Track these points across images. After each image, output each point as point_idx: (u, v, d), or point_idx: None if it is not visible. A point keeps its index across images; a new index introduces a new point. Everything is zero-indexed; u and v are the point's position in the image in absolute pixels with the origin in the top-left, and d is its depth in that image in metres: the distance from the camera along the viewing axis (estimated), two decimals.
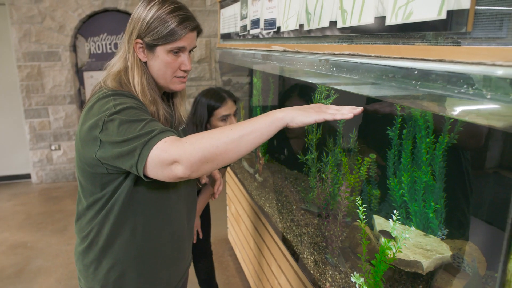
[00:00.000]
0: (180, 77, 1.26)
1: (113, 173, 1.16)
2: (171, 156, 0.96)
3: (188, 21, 1.19)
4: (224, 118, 2.00)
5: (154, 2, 1.18)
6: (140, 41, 1.20)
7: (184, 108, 1.40)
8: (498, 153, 1.03)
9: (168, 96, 1.38)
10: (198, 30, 1.24)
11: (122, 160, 1.03)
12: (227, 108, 2.00)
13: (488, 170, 1.11)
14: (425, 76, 0.83)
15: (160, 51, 1.19)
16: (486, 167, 1.12)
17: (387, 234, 1.25)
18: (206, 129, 2.03)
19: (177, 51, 1.20)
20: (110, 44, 5.08)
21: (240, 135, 0.96)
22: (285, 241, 1.88)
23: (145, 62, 1.23)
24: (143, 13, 1.19)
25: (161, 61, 1.20)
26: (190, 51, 1.25)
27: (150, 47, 1.20)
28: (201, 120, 1.99)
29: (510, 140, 0.94)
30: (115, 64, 1.27)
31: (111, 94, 1.14)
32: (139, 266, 1.28)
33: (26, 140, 5.10)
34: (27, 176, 5.31)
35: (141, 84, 1.20)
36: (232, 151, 0.97)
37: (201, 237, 2.29)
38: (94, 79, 5.13)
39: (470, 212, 1.21)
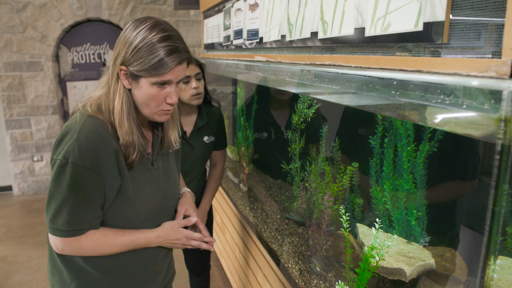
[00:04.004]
0: (165, 110, 1.18)
1: None
2: (57, 250, 1.20)
3: (176, 54, 1.10)
4: (186, 81, 1.91)
5: (143, 27, 1.10)
6: (124, 68, 1.12)
7: (177, 132, 1.34)
8: (477, 161, 1.05)
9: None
10: (188, 61, 1.16)
11: None
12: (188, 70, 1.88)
13: (468, 178, 1.13)
14: (404, 86, 0.85)
15: (144, 82, 1.11)
16: (466, 175, 1.14)
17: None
18: None
19: (162, 84, 1.13)
20: (93, 54, 5.05)
21: (120, 249, 1.22)
22: (270, 250, 1.87)
23: (130, 89, 1.16)
24: (130, 37, 1.11)
25: (144, 93, 1.13)
26: (179, 82, 1.17)
27: (134, 77, 1.12)
28: None
29: (488, 149, 0.96)
30: (99, 86, 1.21)
31: (78, 131, 1.11)
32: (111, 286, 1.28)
33: (7, 151, 5.01)
34: (8, 188, 5.20)
35: (120, 113, 1.14)
36: (104, 254, 1.21)
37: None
38: (77, 89, 5.08)
39: (451, 219, 1.22)
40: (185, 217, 1.39)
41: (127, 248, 1.23)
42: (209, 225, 2.28)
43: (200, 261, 2.35)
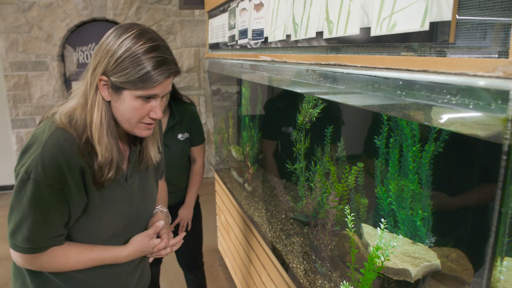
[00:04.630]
0: (147, 123, 1.10)
1: None
2: (18, 264, 1.14)
3: (165, 66, 1.02)
4: None
5: (127, 35, 1.01)
6: (105, 78, 1.03)
7: (156, 149, 1.27)
8: (483, 162, 1.05)
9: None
10: (175, 74, 1.08)
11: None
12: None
13: (473, 178, 1.13)
14: (410, 86, 0.85)
15: (128, 95, 1.03)
16: (471, 176, 1.14)
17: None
18: None
19: (148, 97, 1.05)
20: None
21: (85, 266, 1.16)
22: (274, 250, 1.87)
23: (109, 101, 1.07)
24: (113, 46, 1.01)
25: (127, 106, 1.05)
26: (164, 96, 1.10)
27: (117, 89, 1.03)
28: None
29: (494, 149, 0.95)
30: (74, 97, 1.11)
31: (43, 144, 1.03)
32: None
33: (12, 150, 5.04)
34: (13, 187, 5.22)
35: (100, 128, 1.06)
36: (67, 270, 1.16)
37: (189, 228, 2.24)
38: None
39: (457, 219, 1.22)
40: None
41: (92, 266, 1.17)
42: (196, 220, 2.29)
43: (192, 259, 2.37)
